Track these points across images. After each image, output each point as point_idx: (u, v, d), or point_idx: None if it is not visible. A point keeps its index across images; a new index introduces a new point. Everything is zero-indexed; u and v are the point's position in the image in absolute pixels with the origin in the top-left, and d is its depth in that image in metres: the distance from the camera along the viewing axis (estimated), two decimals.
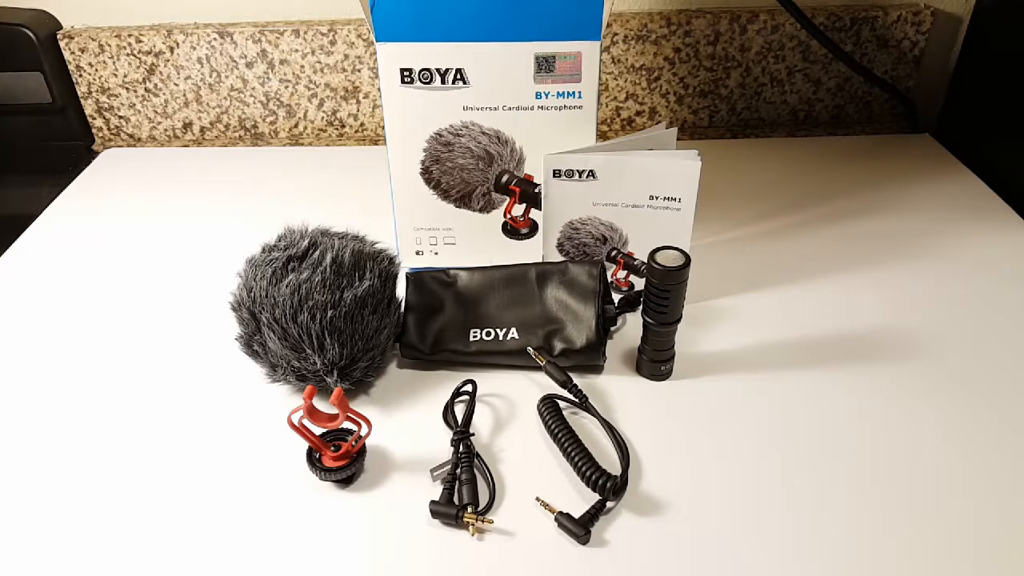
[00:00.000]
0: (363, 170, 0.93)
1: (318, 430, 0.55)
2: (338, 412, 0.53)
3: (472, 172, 0.70)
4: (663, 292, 0.58)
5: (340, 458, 0.54)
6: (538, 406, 0.59)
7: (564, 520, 0.51)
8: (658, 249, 0.58)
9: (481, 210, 0.72)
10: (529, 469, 0.56)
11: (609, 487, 0.52)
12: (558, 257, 0.71)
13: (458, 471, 0.54)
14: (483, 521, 0.51)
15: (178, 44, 0.95)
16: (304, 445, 0.55)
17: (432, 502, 0.52)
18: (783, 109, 1.00)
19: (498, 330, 0.64)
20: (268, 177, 0.93)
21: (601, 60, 0.66)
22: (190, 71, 0.97)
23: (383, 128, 0.68)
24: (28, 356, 0.68)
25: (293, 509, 0.54)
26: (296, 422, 0.53)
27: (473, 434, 0.58)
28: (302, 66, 0.96)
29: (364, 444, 0.56)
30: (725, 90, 0.98)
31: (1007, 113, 0.87)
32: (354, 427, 0.55)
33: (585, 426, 0.59)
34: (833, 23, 0.93)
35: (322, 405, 0.57)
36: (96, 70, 0.98)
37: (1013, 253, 0.76)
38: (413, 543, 0.51)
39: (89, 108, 1.01)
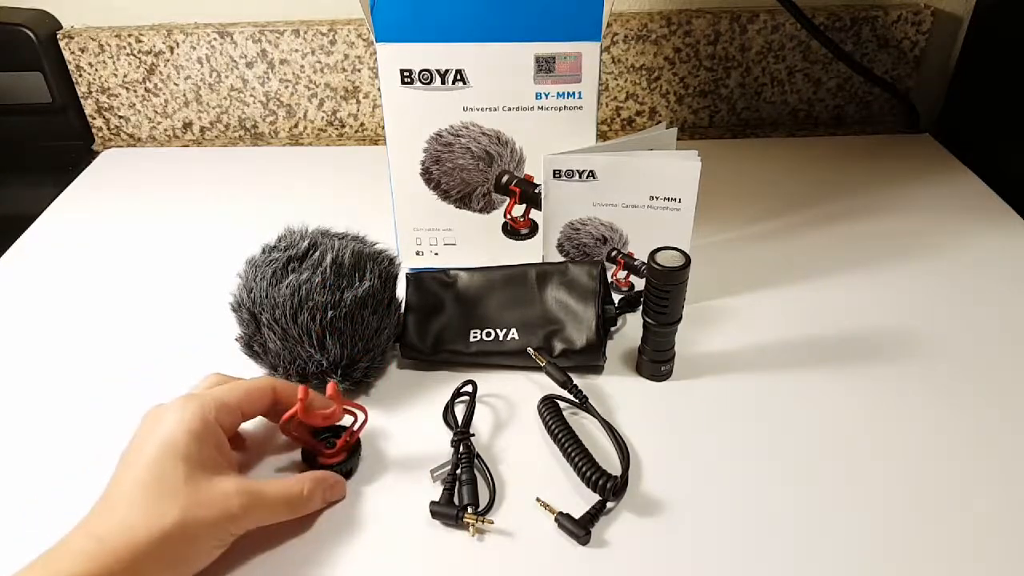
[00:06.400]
0: (363, 170, 0.93)
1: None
2: (332, 408, 0.52)
3: (472, 172, 0.70)
4: (663, 292, 0.58)
5: (337, 453, 0.54)
6: (538, 406, 0.59)
7: (564, 520, 0.51)
8: (658, 249, 0.58)
9: (481, 210, 0.72)
10: (529, 469, 0.56)
11: (609, 488, 0.52)
12: (558, 257, 0.71)
13: (458, 471, 0.54)
14: (483, 522, 0.51)
15: (178, 44, 0.95)
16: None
17: (432, 503, 0.52)
18: (783, 109, 1.00)
19: (498, 330, 0.64)
20: (268, 177, 0.93)
21: (601, 60, 0.66)
22: (190, 71, 0.97)
23: (383, 128, 0.68)
24: (28, 356, 0.68)
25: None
26: (287, 427, 0.52)
27: (473, 434, 0.57)
28: (302, 66, 0.96)
29: (359, 439, 0.55)
30: (725, 90, 0.98)
31: (1007, 113, 0.87)
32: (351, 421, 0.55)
33: (585, 426, 0.59)
34: (833, 23, 0.93)
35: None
36: (96, 70, 0.98)
37: (1013, 253, 0.76)
38: (413, 543, 0.51)
39: (89, 108, 1.01)
